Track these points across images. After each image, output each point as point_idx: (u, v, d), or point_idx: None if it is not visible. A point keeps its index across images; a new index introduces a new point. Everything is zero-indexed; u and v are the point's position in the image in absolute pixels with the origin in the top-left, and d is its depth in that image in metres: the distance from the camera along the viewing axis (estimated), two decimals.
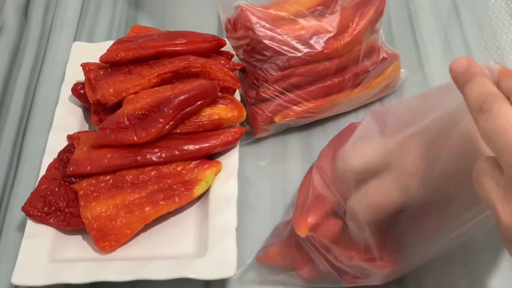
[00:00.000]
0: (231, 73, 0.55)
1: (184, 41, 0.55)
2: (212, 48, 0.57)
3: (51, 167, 0.53)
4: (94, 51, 0.59)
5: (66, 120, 0.58)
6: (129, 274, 0.47)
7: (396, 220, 0.42)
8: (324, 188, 0.45)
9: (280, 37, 0.53)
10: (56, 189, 0.52)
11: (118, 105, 0.55)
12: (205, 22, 0.69)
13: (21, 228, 0.51)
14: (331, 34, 0.54)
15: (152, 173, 0.51)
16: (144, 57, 0.55)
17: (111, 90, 0.54)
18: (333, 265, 0.46)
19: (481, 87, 0.34)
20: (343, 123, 0.58)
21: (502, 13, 0.70)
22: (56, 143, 0.55)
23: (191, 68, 0.54)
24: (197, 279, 0.46)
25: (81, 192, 0.50)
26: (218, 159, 0.53)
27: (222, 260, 0.47)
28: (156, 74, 0.54)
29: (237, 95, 0.58)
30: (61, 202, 0.51)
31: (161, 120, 0.50)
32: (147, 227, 0.50)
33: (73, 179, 0.52)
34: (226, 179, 0.52)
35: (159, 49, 0.55)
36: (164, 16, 0.71)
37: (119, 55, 0.56)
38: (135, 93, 0.54)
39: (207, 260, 0.47)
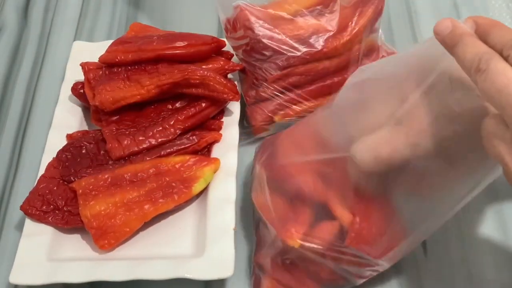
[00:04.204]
0: (230, 85, 0.55)
1: (183, 45, 0.55)
2: (211, 50, 0.57)
3: (50, 166, 0.53)
4: (94, 50, 0.59)
5: (66, 120, 0.58)
6: (127, 274, 0.47)
7: (396, 177, 0.42)
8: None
9: (279, 36, 0.53)
10: (55, 188, 0.52)
11: (117, 110, 0.55)
12: (205, 22, 0.69)
13: (21, 227, 0.51)
14: (331, 33, 0.54)
15: (151, 170, 0.51)
16: (143, 60, 0.55)
17: (110, 98, 0.54)
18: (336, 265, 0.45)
19: (473, 47, 0.34)
20: None
21: (503, 15, 0.70)
22: (55, 143, 0.55)
23: (191, 79, 0.54)
24: (195, 279, 0.46)
25: (80, 191, 0.50)
26: (217, 159, 0.53)
27: (220, 260, 0.47)
28: (155, 85, 0.54)
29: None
30: (59, 200, 0.51)
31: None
32: (145, 226, 0.50)
33: (72, 178, 0.52)
34: (224, 179, 0.52)
35: (158, 53, 0.55)
36: (164, 16, 0.71)
37: (118, 57, 0.56)
38: (134, 102, 0.55)
39: (205, 260, 0.47)
